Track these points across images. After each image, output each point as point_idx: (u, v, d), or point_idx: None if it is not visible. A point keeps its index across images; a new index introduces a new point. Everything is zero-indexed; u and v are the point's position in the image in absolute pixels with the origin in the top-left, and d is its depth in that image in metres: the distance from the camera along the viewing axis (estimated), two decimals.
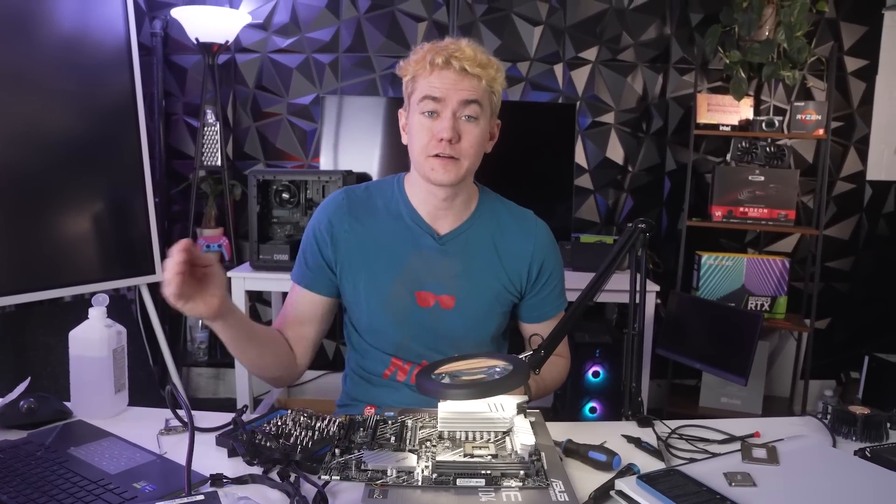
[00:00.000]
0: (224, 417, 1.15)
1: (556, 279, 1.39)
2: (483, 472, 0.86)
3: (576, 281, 2.62)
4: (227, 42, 2.89)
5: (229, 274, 2.54)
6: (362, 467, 0.87)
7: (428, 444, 0.96)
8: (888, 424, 1.15)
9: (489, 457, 0.91)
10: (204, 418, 1.14)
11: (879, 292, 3.26)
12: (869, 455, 1.03)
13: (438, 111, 1.20)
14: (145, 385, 2.54)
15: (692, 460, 1.03)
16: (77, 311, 2.54)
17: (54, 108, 2.36)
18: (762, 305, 2.90)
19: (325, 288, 1.34)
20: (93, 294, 2.52)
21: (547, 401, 2.89)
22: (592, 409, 2.65)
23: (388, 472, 0.86)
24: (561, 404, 2.77)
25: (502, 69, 1.26)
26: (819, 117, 2.85)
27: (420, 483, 0.85)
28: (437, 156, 1.21)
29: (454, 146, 1.20)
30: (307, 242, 1.34)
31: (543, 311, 1.39)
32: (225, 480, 0.93)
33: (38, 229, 2.29)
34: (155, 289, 2.82)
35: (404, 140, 1.31)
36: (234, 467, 0.99)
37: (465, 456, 0.91)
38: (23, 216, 2.25)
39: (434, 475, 0.86)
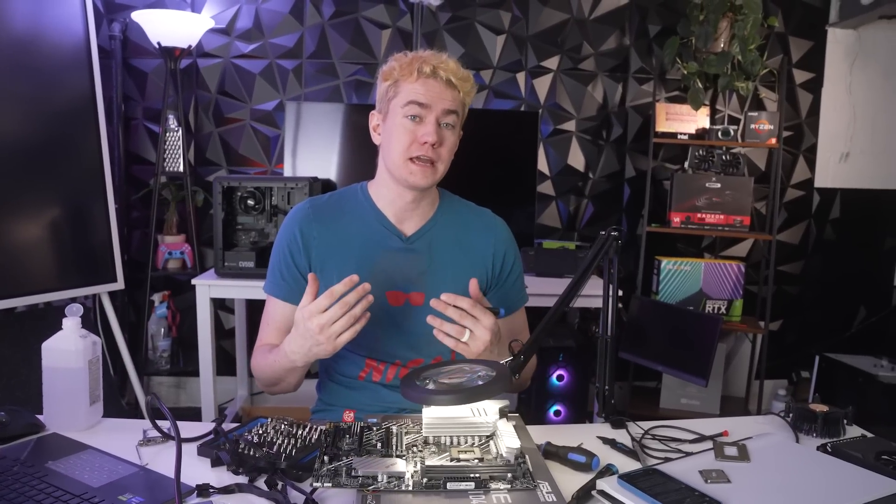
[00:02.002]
0: (202, 427, 1.14)
1: (517, 271, 1.46)
2: (472, 475, 0.88)
3: (541, 286, 2.66)
4: (190, 46, 2.85)
5: (193, 281, 2.50)
6: (353, 474, 0.88)
7: (414, 449, 0.98)
8: (845, 421, 1.22)
9: (476, 460, 0.93)
10: (182, 428, 1.13)
11: (826, 295, 3.40)
12: (830, 450, 1.09)
13: (423, 116, 1.27)
14: (106, 395, 2.48)
15: (667, 459, 1.07)
16: (33, 321, 2.49)
17: (8, 111, 2.29)
18: (719, 308, 2.99)
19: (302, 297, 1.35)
20: (48, 303, 2.45)
21: (512, 404, 2.92)
22: (557, 412, 2.69)
23: (379, 478, 0.87)
24: (526, 408, 2.81)
25: (475, 86, 1.34)
26: (771, 127, 2.97)
27: (411, 488, 0.87)
28: (417, 159, 1.27)
29: (435, 150, 1.27)
30: (280, 253, 1.36)
31: (510, 303, 1.44)
32: (212, 490, 0.93)
33: None
34: (115, 297, 2.77)
35: (375, 140, 1.36)
36: (219, 477, 0.98)
37: (451, 460, 0.93)
38: None
39: (424, 480, 0.88)
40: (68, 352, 1.12)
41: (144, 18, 2.77)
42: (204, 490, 0.93)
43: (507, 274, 1.43)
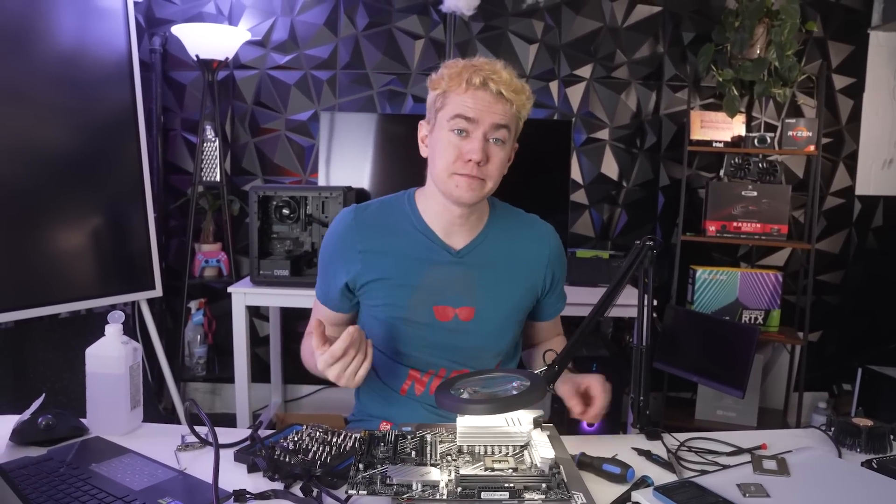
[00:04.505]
0: (239, 433, 1.16)
1: (563, 280, 1.45)
2: (506, 485, 0.88)
3: (574, 295, 2.64)
4: (227, 59, 2.92)
5: (229, 289, 2.55)
6: (388, 482, 0.89)
7: (449, 458, 0.98)
8: (891, 436, 1.18)
9: (510, 470, 0.93)
10: (219, 434, 1.14)
11: (869, 305, 3.31)
12: (876, 466, 1.06)
13: (469, 131, 1.21)
14: (144, 400, 2.54)
15: (703, 472, 1.05)
16: (75, 327, 2.55)
17: (53, 123, 2.36)
18: (756, 319, 2.94)
19: (348, 307, 1.38)
20: (89, 310, 2.51)
21: (546, 414, 2.91)
22: (591, 423, 2.66)
23: (414, 486, 0.88)
24: (560, 417, 2.78)
25: (532, 97, 1.27)
26: (809, 134, 2.91)
27: (445, 497, 0.87)
28: (463, 174, 1.22)
29: (481, 168, 1.21)
30: (326, 264, 1.37)
31: (553, 310, 1.47)
32: (248, 496, 0.95)
33: (36, 245, 2.28)
34: (153, 304, 2.82)
35: (423, 153, 1.31)
36: (255, 483, 1.00)
37: (486, 469, 0.93)
38: (21, 232, 2.24)
39: (458, 489, 0.88)
40: (111, 358, 1.15)
41: (183, 32, 2.84)
42: (241, 496, 0.94)
43: (557, 284, 1.42)
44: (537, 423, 1.06)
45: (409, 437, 1.05)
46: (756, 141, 2.92)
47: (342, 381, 1.11)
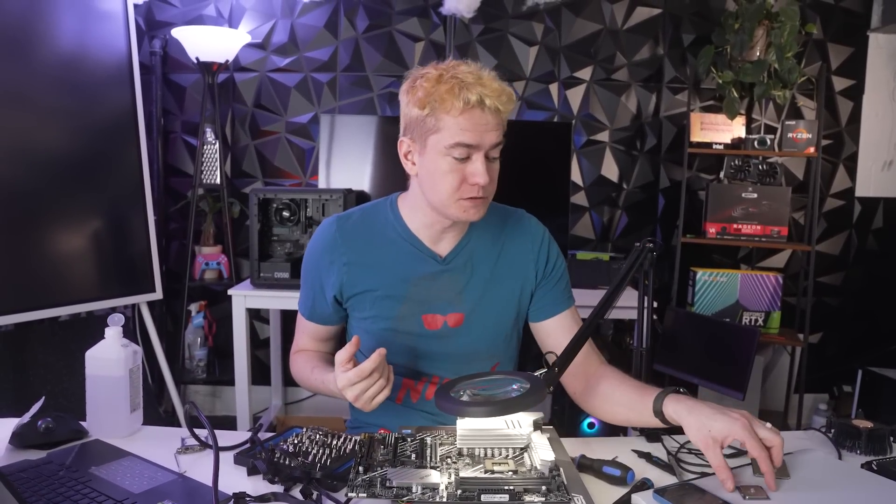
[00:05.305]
0: (239, 436, 1.15)
1: (561, 269, 1.36)
2: (506, 487, 0.88)
3: (574, 298, 2.64)
4: (227, 61, 2.92)
5: (229, 292, 2.55)
6: (387, 484, 0.89)
7: (449, 460, 0.98)
8: (891, 438, 1.18)
9: (510, 472, 0.93)
10: (219, 437, 1.14)
11: (869, 307, 3.32)
12: (876, 468, 1.06)
13: (470, 153, 1.15)
14: (144, 403, 2.53)
15: (703, 474, 1.05)
16: (75, 330, 2.55)
17: (54, 126, 2.36)
18: (756, 320, 2.94)
19: (338, 319, 1.36)
20: (89, 313, 2.51)
21: (546, 417, 2.90)
22: (591, 425, 2.66)
23: (414, 489, 0.88)
24: (560, 420, 2.78)
25: (514, 94, 1.21)
26: (809, 135, 2.92)
27: (445, 499, 0.87)
28: (469, 197, 1.18)
29: (485, 187, 1.17)
30: (308, 278, 1.34)
31: (556, 305, 1.35)
32: (248, 499, 0.94)
33: (36, 247, 2.29)
34: (153, 306, 2.82)
35: (409, 170, 1.25)
36: (254, 486, 1.00)
37: (486, 472, 0.93)
38: (22, 234, 2.25)
39: (458, 491, 0.88)
40: (110, 360, 1.15)
41: (184, 35, 2.84)
42: (241, 498, 0.94)
43: (551, 272, 1.35)
44: (537, 426, 1.06)
45: (408, 439, 1.05)
46: (756, 143, 2.92)
47: (359, 403, 1.09)
